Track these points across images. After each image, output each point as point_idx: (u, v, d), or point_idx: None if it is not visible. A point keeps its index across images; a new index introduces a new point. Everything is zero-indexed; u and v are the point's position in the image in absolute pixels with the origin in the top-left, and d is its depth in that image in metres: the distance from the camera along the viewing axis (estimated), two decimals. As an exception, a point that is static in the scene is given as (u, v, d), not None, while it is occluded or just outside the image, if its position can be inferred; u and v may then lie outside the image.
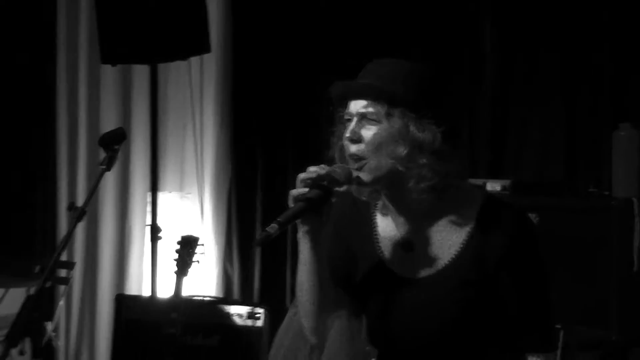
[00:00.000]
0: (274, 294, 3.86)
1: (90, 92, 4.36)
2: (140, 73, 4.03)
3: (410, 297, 1.50)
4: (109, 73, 4.15)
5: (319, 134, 3.64)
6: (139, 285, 3.91)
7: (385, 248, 1.55)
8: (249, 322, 3.30)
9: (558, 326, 2.38)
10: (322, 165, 1.48)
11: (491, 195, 1.56)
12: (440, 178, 1.45)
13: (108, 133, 2.49)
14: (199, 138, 3.97)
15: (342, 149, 1.50)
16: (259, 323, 3.29)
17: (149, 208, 3.64)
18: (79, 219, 2.27)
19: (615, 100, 3.20)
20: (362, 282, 1.58)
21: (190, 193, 4.08)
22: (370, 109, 1.45)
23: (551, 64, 3.34)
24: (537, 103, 3.35)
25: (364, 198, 1.55)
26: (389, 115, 1.44)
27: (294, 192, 1.46)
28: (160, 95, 3.44)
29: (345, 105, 1.49)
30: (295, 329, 1.80)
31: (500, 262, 1.44)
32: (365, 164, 1.45)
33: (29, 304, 2.07)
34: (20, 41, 4.49)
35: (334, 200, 1.47)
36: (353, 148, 1.45)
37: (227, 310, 3.34)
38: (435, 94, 1.48)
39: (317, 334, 1.65)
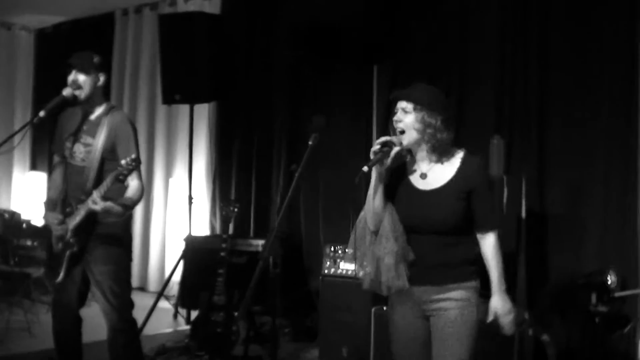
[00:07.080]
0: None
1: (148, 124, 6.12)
2: (181, 108, 5.66)
3: (424, 200, 2.18)
4: (161, 109, 5.96)
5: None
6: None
7: (412, 176, 2.22)
8: (261, 249, 4.51)
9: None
10: (387, 137, 2.13)
11: (467, 152, 2.21)
12: (440, 143, 2.14)
13: (313, 124, 2.94)
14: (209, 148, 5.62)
15: (393, 124, 2.16)
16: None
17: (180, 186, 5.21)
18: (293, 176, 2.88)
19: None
20: (400, 192, 2.22)
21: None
22: (407, 105, 2.13)
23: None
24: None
25: (404, 155, 2.17)
26: (415, 109, 2.12)
27: (374, 149, 2.10)
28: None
29: (396, 103, 2.16)
30: (361, 224, 2.27)
31: (472, 186, 2.14)
32: (404, 134, 2.13)
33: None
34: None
35: (392, 154, 2.12)
36: (398, 125, 2.14)
37: (250, 242, 4.64)
38: (438, 101, 2.16)
39: (375, 223, 2.22)
